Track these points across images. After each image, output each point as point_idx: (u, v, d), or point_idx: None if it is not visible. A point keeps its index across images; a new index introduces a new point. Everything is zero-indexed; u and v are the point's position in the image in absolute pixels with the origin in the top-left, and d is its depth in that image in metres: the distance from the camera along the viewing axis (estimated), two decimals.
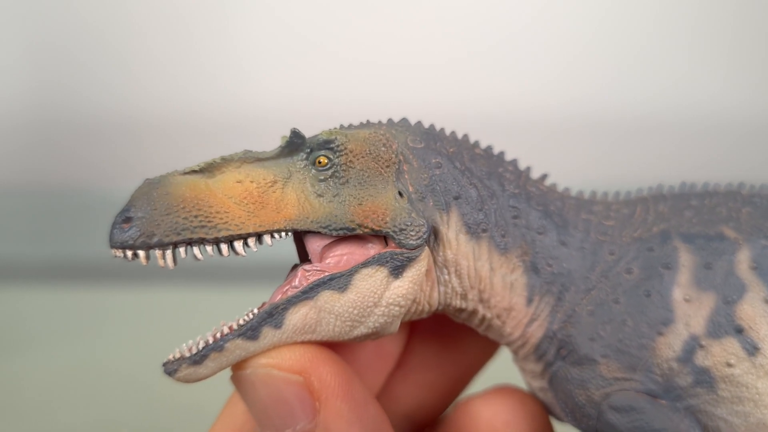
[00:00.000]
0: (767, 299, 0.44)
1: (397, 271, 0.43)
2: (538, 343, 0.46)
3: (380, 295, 0.43)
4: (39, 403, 0.84)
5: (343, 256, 0.44)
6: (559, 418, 0.48)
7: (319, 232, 0.44)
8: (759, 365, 0.43)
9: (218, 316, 0.43)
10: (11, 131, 1.28)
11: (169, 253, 0.42)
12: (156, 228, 0.41)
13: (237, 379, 0.43)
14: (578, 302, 0.46)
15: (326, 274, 0.43)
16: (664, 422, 0.43)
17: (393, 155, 0.45)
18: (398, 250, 0.43)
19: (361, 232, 0.43)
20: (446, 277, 0.46)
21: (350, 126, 0.48)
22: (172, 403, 0.77)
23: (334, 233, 0.43)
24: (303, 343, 0.43)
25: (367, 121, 0.48)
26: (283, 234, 0.43)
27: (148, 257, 0.42)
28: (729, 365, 0.43)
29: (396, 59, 1.23)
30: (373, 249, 0.44)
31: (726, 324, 0.44)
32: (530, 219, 0.47)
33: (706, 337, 0.44)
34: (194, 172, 0.44)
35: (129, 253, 0.42)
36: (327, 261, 0.44)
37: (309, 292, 0.43)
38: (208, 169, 0.44)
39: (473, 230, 0.46)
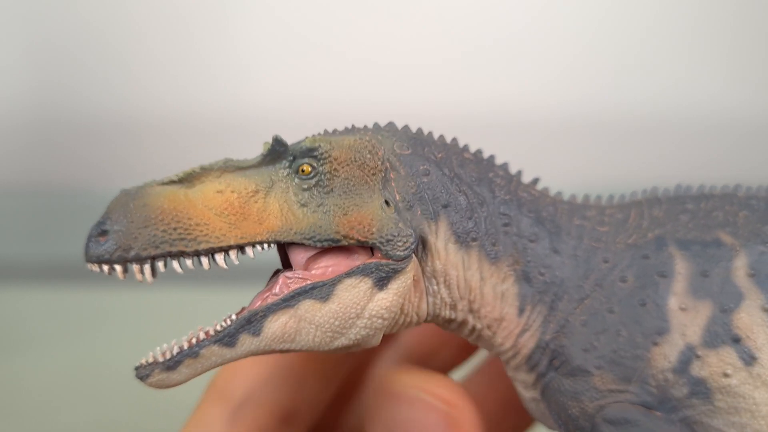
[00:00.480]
0: (765, 307, 0.43)
1: (381, 282, 0.42)
2: (530, 354, 0.45)
3: (363, 306, 0.42)
4: (39, 403, 0.84)
5: (328, 267, 0.43)
6: (551, 428, 0.48)
7: (303, 244, 0.42)
8: (756, 375, 0.42)
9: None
10: (11, 131, 1.28)
11: (147, 267, 0.41)
12: (133, 241, 0.40)
13: (381, 393, 0.44)
14: (571, 312, 0.45)
15: (308, 282, 0.42)
16: None
17: (379, 162, 0.44)
18: (384, 261, 0.42)
19: (347, 243, 0.42)
20: (435, 287, 0.45)
21: (335, 132, 0.46)
22: (173, 403, 0.77)
23: (318, 245, 0.42)
24: (449, 379, 0.43)
25: (353, 126, 0.47)
26: (265, 246, 0.42)
27: (125, 271, 0.41)
28: (726, 375, 0.42)
29: (396, 59, 1.23)
30: (359, 260, 0.43)
31: (723, 333, 0.43)
32: (521, 226, 0.45)
33: (703, 346, 0.43)
34: (173, 182, 0.42)
35: (105, 267, 0.41)
36: (311, 272, 0.43)
37: (290, 301, 0.42)
38: (187, 179, 0.43)
39: (463, 239, 0.44)
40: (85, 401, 0.83)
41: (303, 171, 0.43)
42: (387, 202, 0.43)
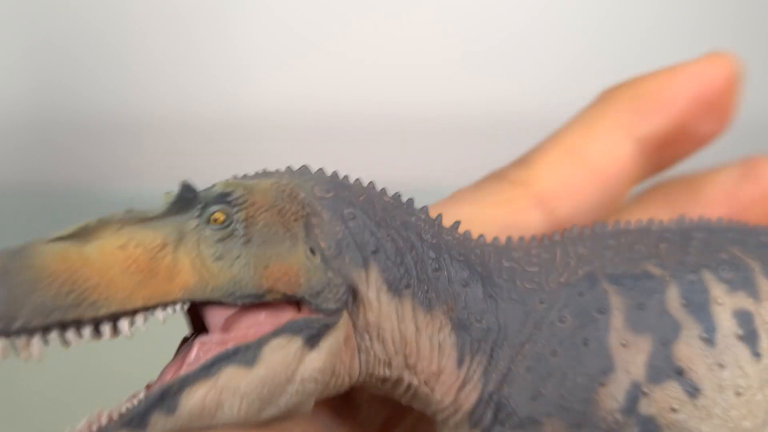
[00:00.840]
0: (702, 336, 0.42)
1: (312, 340, 0.38)
2: (472, 409, 0.42)
3: (294, 369, 0.38)
4: (39, 403, 0.84)
5: (250, 328, 0.38)
6: None
7: (221, 302, 0.38)
8: (701, 407, 0.41)
9: None
10: (11, 131, 1.28)
11: (36, 340, 0.35)
12: (17, 311, 0.34)
13: None
14: (513, 358, 0.42)
15: (229, 346, 0.37)
16: None
17: (300, 207, 0.39)
18: (314, 316, 0.38)
19: (271, 299, 0.38)
20: (368, 343, 0.40)
21: (245, 176, 0.42)
22: None
23: (240, 301, 0.37)
24: None
25: (264, 170, 0.42)
26: (178, 306, 0.37)
27: (18, 347, 0.35)
28: (673, 410, 0.41)
29: (396, 59, 1.23)
30: (284, 317, 0.38)
31: (665, 367, 0.41)
32: (452, 271, 0.42)
33: (648, 382, 0.41)
34: (62, 238, 0.37)
35: None
36: (231, 335, 0.38)
37: (209, 369, 0.37)
38: (81, 235, 0.37)
39: (395, 287, 0.40)
40: (85, 401, 0.83)
41: (216, 220, 0.38)
42: (312, 250, 0.39)
